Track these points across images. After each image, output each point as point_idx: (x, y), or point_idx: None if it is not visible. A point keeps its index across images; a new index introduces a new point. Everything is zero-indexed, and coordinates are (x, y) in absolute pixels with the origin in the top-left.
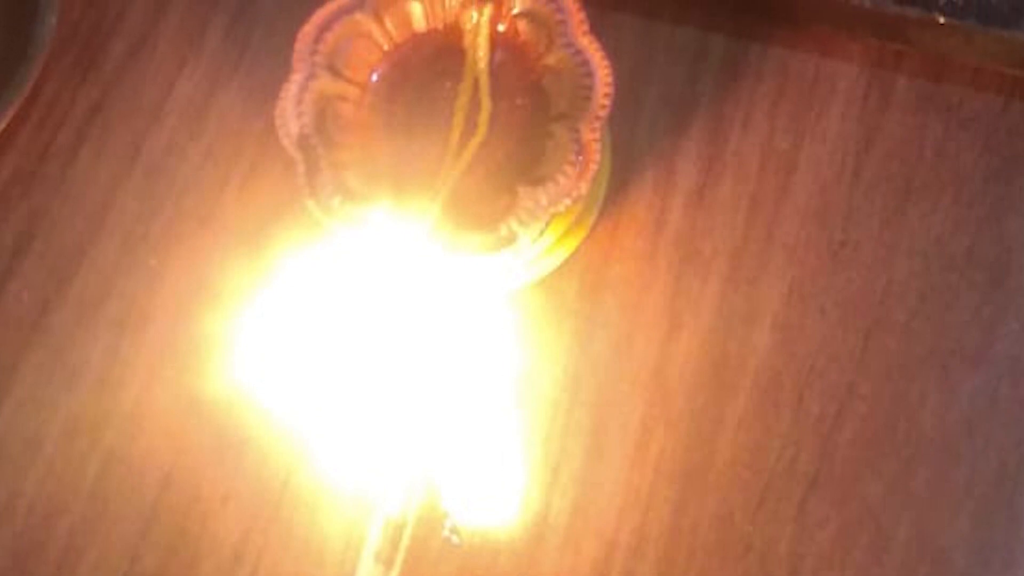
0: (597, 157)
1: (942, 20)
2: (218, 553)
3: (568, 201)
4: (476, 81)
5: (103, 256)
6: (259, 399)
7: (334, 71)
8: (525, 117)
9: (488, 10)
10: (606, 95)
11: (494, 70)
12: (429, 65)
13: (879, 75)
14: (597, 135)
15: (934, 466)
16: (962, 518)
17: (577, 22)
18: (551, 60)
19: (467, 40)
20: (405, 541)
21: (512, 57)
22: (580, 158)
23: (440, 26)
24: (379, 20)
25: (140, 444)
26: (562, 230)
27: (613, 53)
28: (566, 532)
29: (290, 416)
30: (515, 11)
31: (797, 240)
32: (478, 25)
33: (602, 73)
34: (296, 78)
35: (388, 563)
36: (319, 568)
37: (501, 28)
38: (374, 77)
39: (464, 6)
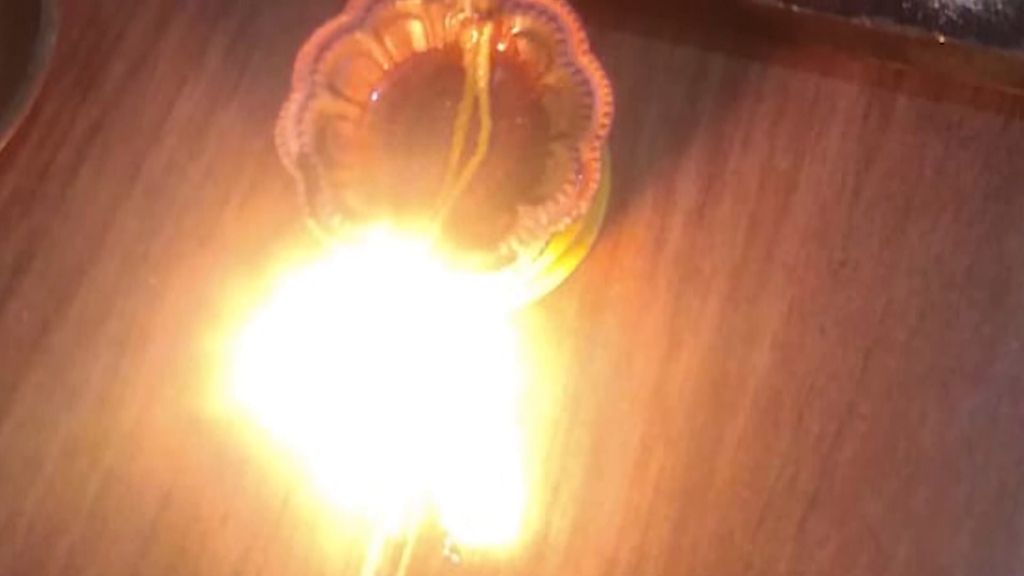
0: (597, 176)
1: (942, 39)
2: (217, 572)
3: (568, 220)
4: (476, 100)
5: (103, 275)
6: (259, 418)
7: (334, 90)
8: (525, 136)
9: (488, 29)
10: (606, 114)
11: (494, 89)
12: (429, 84)
13: (879, 94)
14: (597, 154)
15: (934, 485)
16: (962, 537)
17: (577, 41)
18: (551, 79)
19: (467, 59)
20: (405, 560)
21: (512, 76)
22: (580, 177)
23: (440, 45)
24: (379, 39)
25: (140, 463)
26: (562, 249)
27: (613, 72)
28: (566, 551)
29: (290, 435)
30: (515, 30)
31: (797, 259)
32: (478, 44)
33: (602, 92)
34: (296, 97)
35: None
36: None
37: (501, 47)
38: (374, 96)
39: (464, 25)
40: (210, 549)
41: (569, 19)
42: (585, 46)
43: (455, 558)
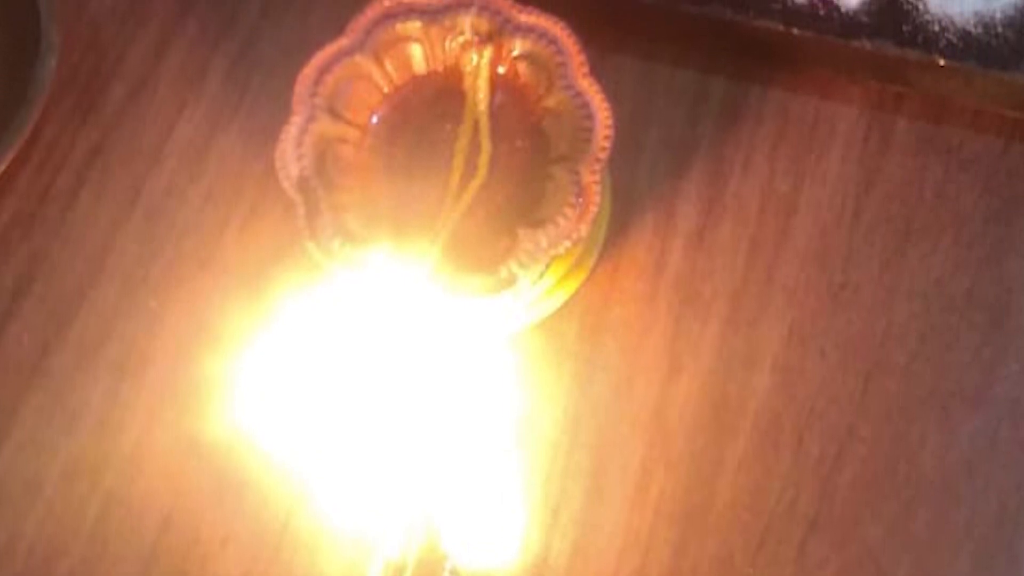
0: (597, 199)
1: (942, 62)
2: None
3: (568, 243)
4: (476, 123)
5: (103, 299)
6: (259, 441)
7: (334, 113)
8: (525, 159)
9: (488, 52)
10: (606, 137)
11: (494, 112)
12: (429, 107)
13: (879, 117)
14: (597, 177)
15: (934, 508)
16: (962, 560)
17: (577, 64)
18: (551, 102)
19: (467, 82)
20: None
21: (512, 99)
22: (580, 200)
23: (440, 68)
24: (379, 62)
25: (140, 486)
26: (562, 272)
27: (613, 95)
28: (566, 574)
29: (290, 458)
30: (515, 53)
31: (797, 282)
32: (478, 67)
33: (602, 115)
34: (296, 120)
35: None
36: None
37: (501, 70)
38: (374, 119)
39: (464, 48)
40: (210, 572)
41: (569, 42)
42: (585, 69)
43: None
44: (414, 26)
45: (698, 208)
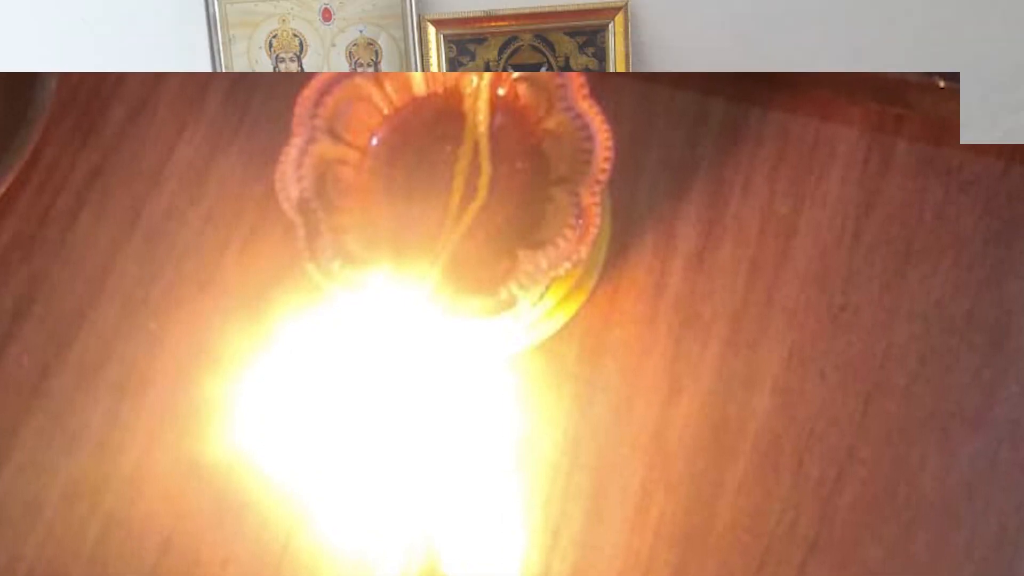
0: (597, 221)
1: (942, 84)
2: None
3: (568, 265)
4: (476, 145)
5: (103, 320)
6: (259, 463)
7: (334, 135)
8: (525, 181)
9: (488, 74)
10: (606, 159)
11: (494, 134)
12: (429, 129)
13: (879, 139)
14: (597, 199)
15: (934, 529)
16: None
17: (577, 86)
18: (551, 124)
19: (467, 104)
20: None
21: (512, 121)
22: (580, 222)
23: (440, 90)
24: (379, 84)
25: (140, 508)
26: (562, 294)
27: (613, 117)
28: None
29: (289, 480)
30: (515, 75)
31: (797, 304)
32: (478, 89)
33: (602, 137)
34: (296, 142)
35: None
36: None
37: (501, 92)
38: (374, 141)
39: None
40: None
41: None
42: (585, 91)
43: None
44: None
45: (698, 229)
